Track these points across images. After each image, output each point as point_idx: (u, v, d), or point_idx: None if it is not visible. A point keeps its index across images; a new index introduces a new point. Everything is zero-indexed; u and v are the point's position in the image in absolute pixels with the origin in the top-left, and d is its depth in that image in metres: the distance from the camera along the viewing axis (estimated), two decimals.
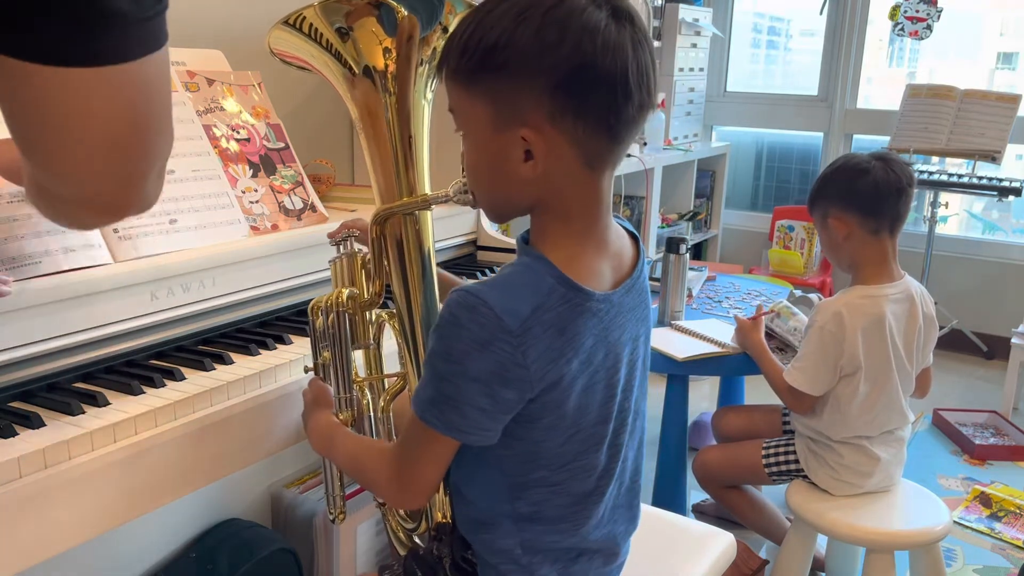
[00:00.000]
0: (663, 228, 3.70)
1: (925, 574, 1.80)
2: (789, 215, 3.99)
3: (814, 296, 2.18)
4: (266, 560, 1.50)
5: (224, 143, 1.48)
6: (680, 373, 2.03)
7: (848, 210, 1.74)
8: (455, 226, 1.92)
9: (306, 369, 1.20)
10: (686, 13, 3.66)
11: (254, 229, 1.44)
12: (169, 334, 1.28)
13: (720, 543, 1.39)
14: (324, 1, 1.12)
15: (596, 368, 0.90)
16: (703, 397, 3.16)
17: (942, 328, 3.47)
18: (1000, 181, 3.38)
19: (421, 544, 1.19)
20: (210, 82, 1.52)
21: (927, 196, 3.63)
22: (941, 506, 1.78)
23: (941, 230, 3.74)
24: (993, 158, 3.44)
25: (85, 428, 1.00)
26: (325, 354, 1.15)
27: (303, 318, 1.44)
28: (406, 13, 1.13)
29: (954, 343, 3.72)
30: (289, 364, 1.26)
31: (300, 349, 1.32)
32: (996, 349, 3.68)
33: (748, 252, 4.31)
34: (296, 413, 1.22)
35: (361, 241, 1.23)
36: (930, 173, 3.59)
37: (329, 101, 2.16)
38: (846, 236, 1.75)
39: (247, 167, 1.49)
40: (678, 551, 1.36)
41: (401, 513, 1.23)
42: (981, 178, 3.45)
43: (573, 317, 0.86)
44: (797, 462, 1.86)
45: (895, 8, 3.74)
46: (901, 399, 1.77)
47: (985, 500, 2.48)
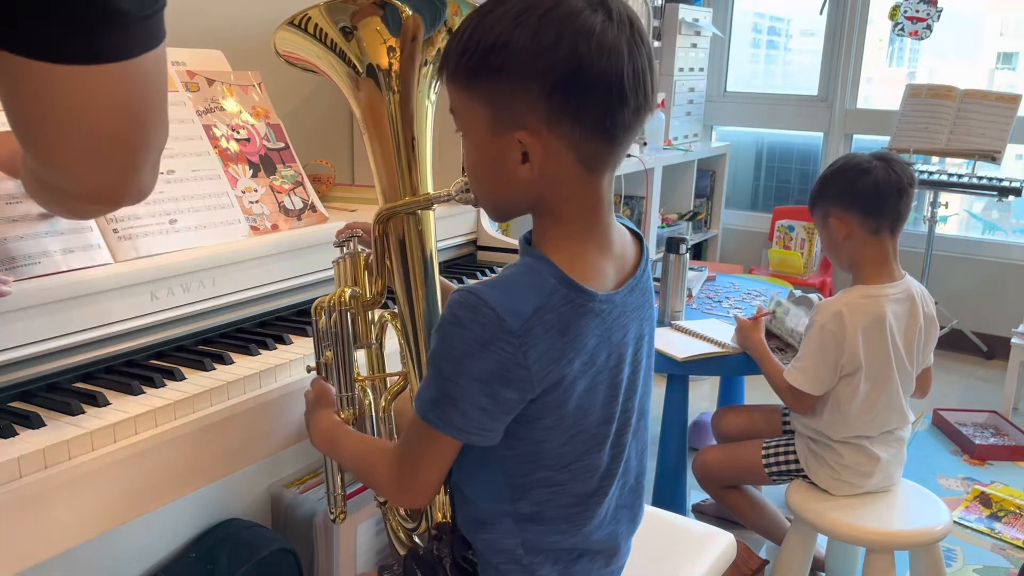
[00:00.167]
0: (663, 228, 3.70)
1: (925, 574, 1.80)
2: (789, 215, 3.99)
3: (814, 296, 2.18)
4: (266, 560, 1.50)
5: (224, 143, 1.48)
6: (680, 373, 2.03)
7: (849, 210, 1.74)
8: (455, 226, 1.92)
9: (308, 368, 1.20)
10: (686, 13, 3.66)
11: (254, 229, 1.44)
12: (169, 334, 1.28)
13: (720, 543, 1.40)
14: (330, 1, 1.12)
15: (599, 369, 0.90)
16: (703, 397, 3.16)
17: (942, 328, 3.47)
18: (1000, 181, 3.38)
19: (421, 544, 1.19)
20: (210, 82, 1.52)
21: (927, 196, 3.63)
22: (941, 506, 1.78)
23: (941, 230, 3.74)
24: (993, 158, 3.44)
25: (85, 428, 1.00)
26: (328, 353, 1.15)
27: (303, 318, 1.44)
28: (411, 13, 1.13)
29: (954, 343, 3.72)
30: (289, 364, 1.26)
31: (300, 349, 1.32)
32: (996, 349, 3.68)
33: (748, 252, 4.31)
34: (296, 413, 1.22)
35: (365, 243, 1.23)
36: (930, 173, 3.59)
37: (329, 101, 2.16)
38: (846, 236, 1.75)
39: (247, 167, 1.49)
40: (678, 551, 1.36)
41: (401, 513, 1.23)
42: (981, 178, 3.45)
43: (575, 318, 0.86)
44: (797, 462, 1.86)
45: (895, 8, 3.74)
46: (901, 399, 1.77)
47: (985, 500, 2.48)
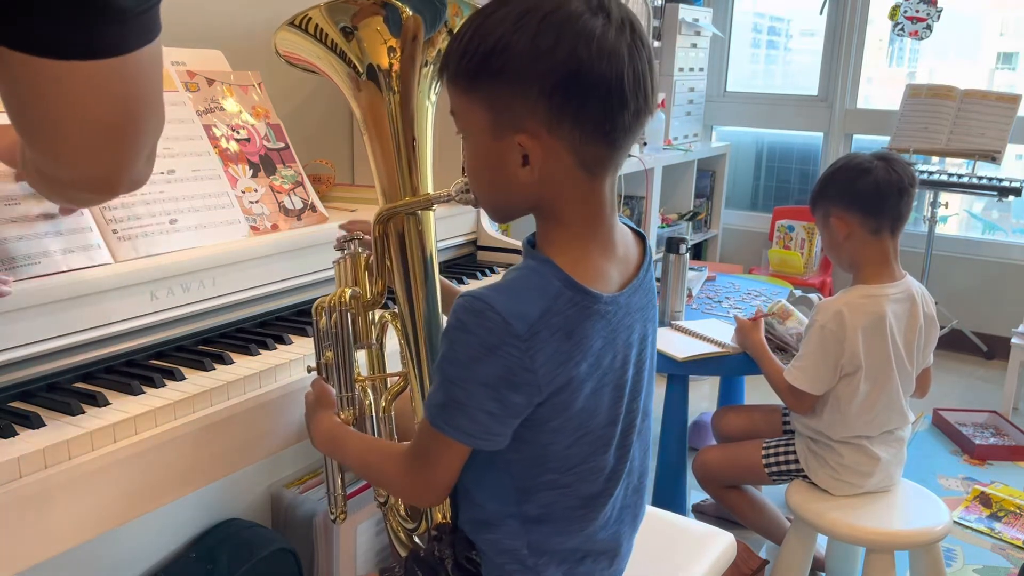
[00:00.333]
0: (663, 228, 3.70)
1: (925, 574, 1.80)
2: (789, 215, 3.99)
3: (814, 296, 2.18)
4: (266, 560, 1.50)
5: (224, 143, 1.48)
6: (680, 373, 2.03)
7: (849, 210, 1.74)
8: (455, 226, 1.92)
9: (309, 368, 1.20)
10: (686, 13, 3.66)
11: (254, 229, 1.44)
12: (169, 334, 1.28)
13: (720, 543, 1.39)
14: (330, 1, 1.12)
15: (605, 371, 0.90)
16: (703, 397, 3.16)
17: (942, 328, 3.47)
18: (1000, 181, 3.38)
19: (421, 544, 1.19)
20: (210, 82, 1.52)
21: (927, 196, 3.63)
22: (941, 506, 1.78)
23: (941, 230, 3.74)
24: (993, 158, 3.44)
25: (85, 428, 1.00)
26: (328, 354, 1.15)
27: (303, 318, 1.44)
28: (411, 13, 1.13)
29: (954, 343, 3.72)
30: (289, 364, 1.26)
31: (300, 349, 1.32)
32: (996, 349, 3.68)
33: (748, 252, 4.31)
34: (296, 413, 1.22)
35: (365, 245, 1.23)
36: (930, 173, 3.59)
37: (329, 101, 2.16)
38: (847, 236, 1.75)
39: (247, 167, 1.49)
40: (678, 551, 1.36)
41: (402, 513, 1.23)
42: (981, 178, 3.45)
43: (581, 320, 0.86)
44: (797, 462, 1.86)
45: (895, 8, 3.74)
46: (901, 399, 1.77)
47: (985, 500, 2.48)
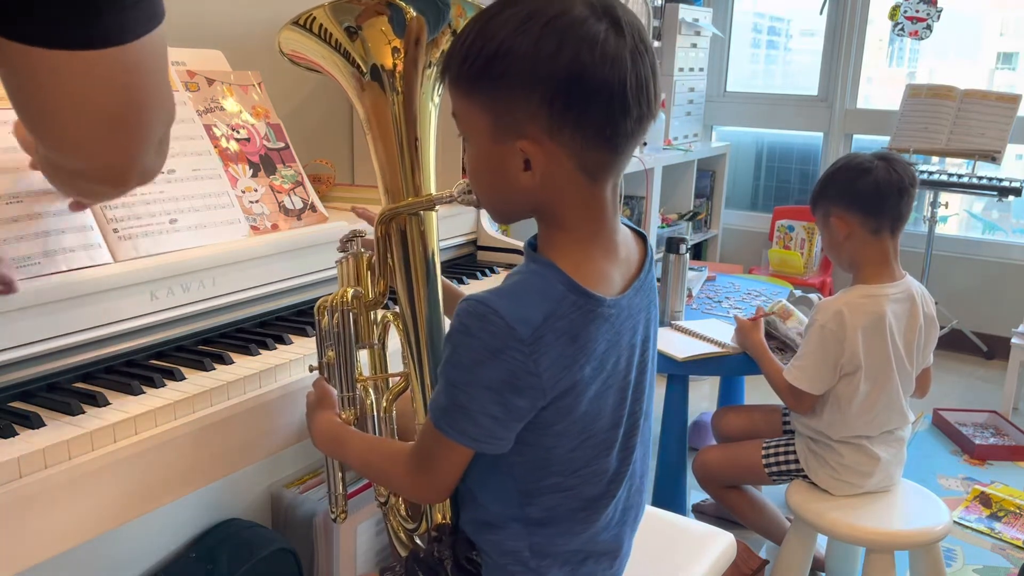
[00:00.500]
0: (663, 228, 3.70)
1: (925, 574, 1.80)
2: (789, 215, 3.99)
3: (814, 296, 2.18)
4: (266, 560, 1.50)
5: (224, 143, 1.48)
6: (680, 373, 2.03)
7: (850, 209, 1.74)
8: (455, 226, 1.92)
9: (311, 368, 1.20)
10: (686, 13, 3.66)
11: (254, 229, 1.44)
12: (169, 334, 1.28)
13: (720, 543, 1.40)
14: (334, 1, 1.12)
15: (608, 374, 0.90)
16: (703, 397, 3.16)
17: (942, 328, 3.47)
18: (1000, 181, 3.38)
19: (422, 545, 1.19)
20: (210, 82, 1.52)
21: (927, 196, 3.63)
22: (941, 506, 1.78)
23: (941, 230, 3.74)
24: (993, 158, 3.44)
25: (85, 428, 1.00)
26: (330, 353, 1.15)
27: (303, 318, 1.44)
28: (415, 14, 1.13)
29: (954, 343, 3.72)
30: (289, 364, 1.26)
31: (300, 349, 1.32)
32: (996, 349, 3.68)
33: (748, 252, 4.31)
34: (296, 413, 1.22)
35: (368, 245, 1.23)
36: (930, 173, 3.59)
37: (329, 101, 2.16)
38: (847, 235, 1.75)
39: (247, 167, 1.49)
40: (678, 551, 1.36)
41: (402, 513, 1.23)
42: (981, 178, 3.45)
43: (585, 324, 0.86)
44: (797, 462, 1.86)
45: (895, 8, 3.74)
46: (901, 399, 1.77)
47: (985, 500, 2.48)
